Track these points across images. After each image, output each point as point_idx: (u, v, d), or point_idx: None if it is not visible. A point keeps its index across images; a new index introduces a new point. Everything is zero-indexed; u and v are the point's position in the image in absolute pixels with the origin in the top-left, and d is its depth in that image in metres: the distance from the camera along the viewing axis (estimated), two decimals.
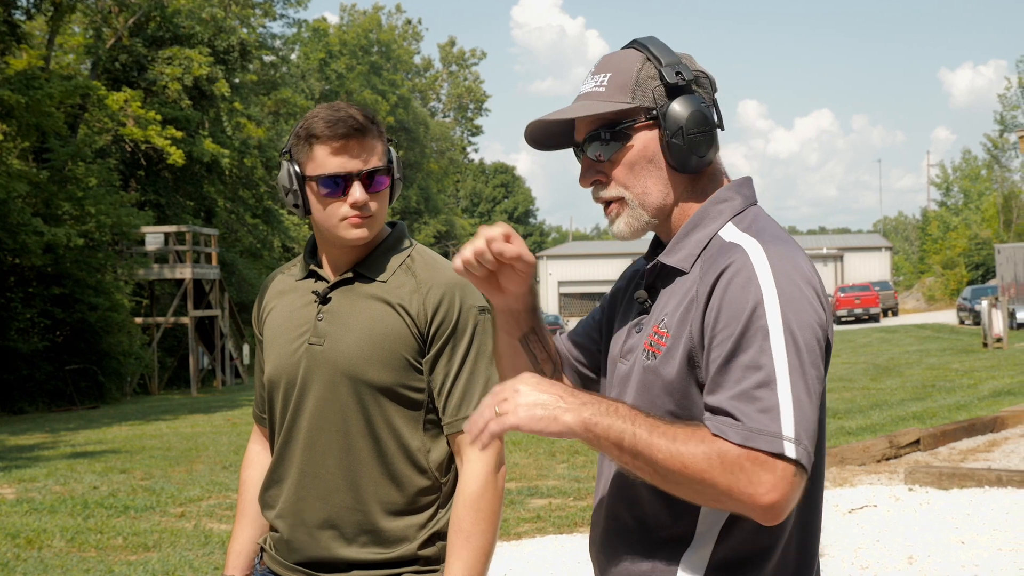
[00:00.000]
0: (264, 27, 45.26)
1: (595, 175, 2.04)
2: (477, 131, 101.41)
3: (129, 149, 34.27)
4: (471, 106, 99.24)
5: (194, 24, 36.88)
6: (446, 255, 72.25)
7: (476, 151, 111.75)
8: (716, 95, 2.08)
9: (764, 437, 1.76)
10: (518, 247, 1.96)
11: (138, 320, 32.01)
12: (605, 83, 2.02)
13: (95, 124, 32.54)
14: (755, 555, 1.92)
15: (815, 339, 1.84)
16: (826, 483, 9.68)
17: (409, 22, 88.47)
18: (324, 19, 77.16)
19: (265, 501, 2.71)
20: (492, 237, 1.95)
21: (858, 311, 55.13)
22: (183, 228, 32.39)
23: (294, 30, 54.00)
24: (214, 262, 33.99)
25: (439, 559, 2.58)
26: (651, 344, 1.96)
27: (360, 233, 2.55)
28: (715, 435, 1.77)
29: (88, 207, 27.06)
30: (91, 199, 27.16)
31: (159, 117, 32.66)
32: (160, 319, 32.82)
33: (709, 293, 1.88)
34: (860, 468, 10.75)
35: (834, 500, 9.15)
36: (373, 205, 2.54)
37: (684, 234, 2.00)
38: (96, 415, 23.27)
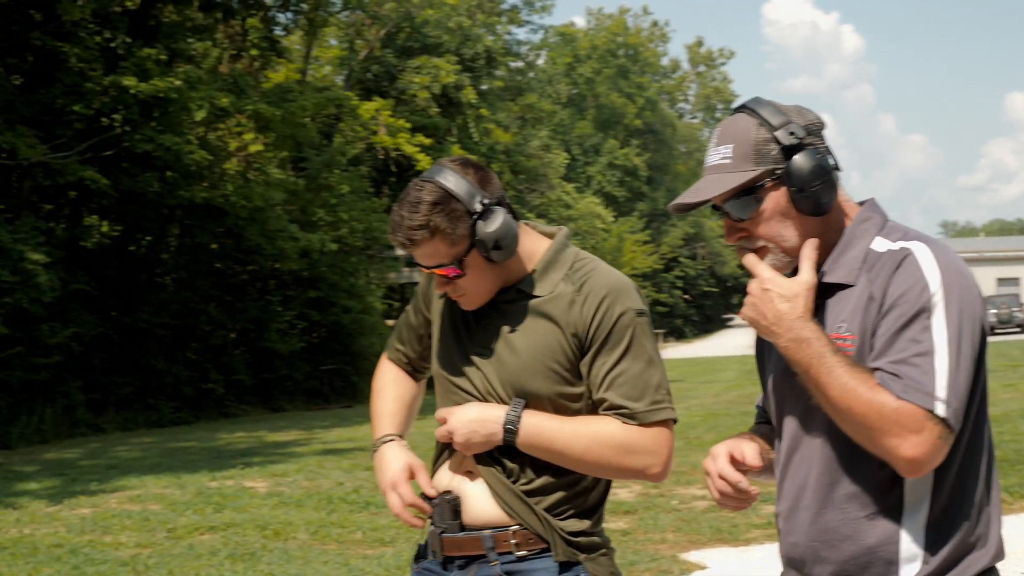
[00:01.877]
0: (510, 34, 45.89)
1: (738, 233, 2.35)
2: None
3: (380, 156, 35.30)
4: (719, 106, 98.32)
5: (442, 34, 37.71)
6: (693, 257, 71.20)
7: None
8: (824, 132, 2.34)
9: (919, 393, 2.10)
10: (736, 478, 2.40)
11: (389, 323, 32.88)
12: (729, 155, 2.30)
13: (349, 133, 33.68)
14: (963, 513, 2.24)
15: (974, 322, 2.18)
16: None
17: (656, 23, 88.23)
18: (572, 24, 77.86)
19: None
20: (719, 491, 2.44)
21: None
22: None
23: (540, 35, 54.54)
24: None
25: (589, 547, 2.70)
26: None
27: (464, 306, 2.73)
28: (879, 384, 2.12)
29: (341, 213, 28.03)
30: (344, 205, 28.12)
31: (408, 125, 33.52)
32: None
33: (884, 291, 2.20)
34: None
35: None
36: (462, 283, 2.65)
37: (839, 254, 2.31)
38: (349, 414, 24.06)
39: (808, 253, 2.26)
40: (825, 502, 2.27)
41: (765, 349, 2.50)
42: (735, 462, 2.41)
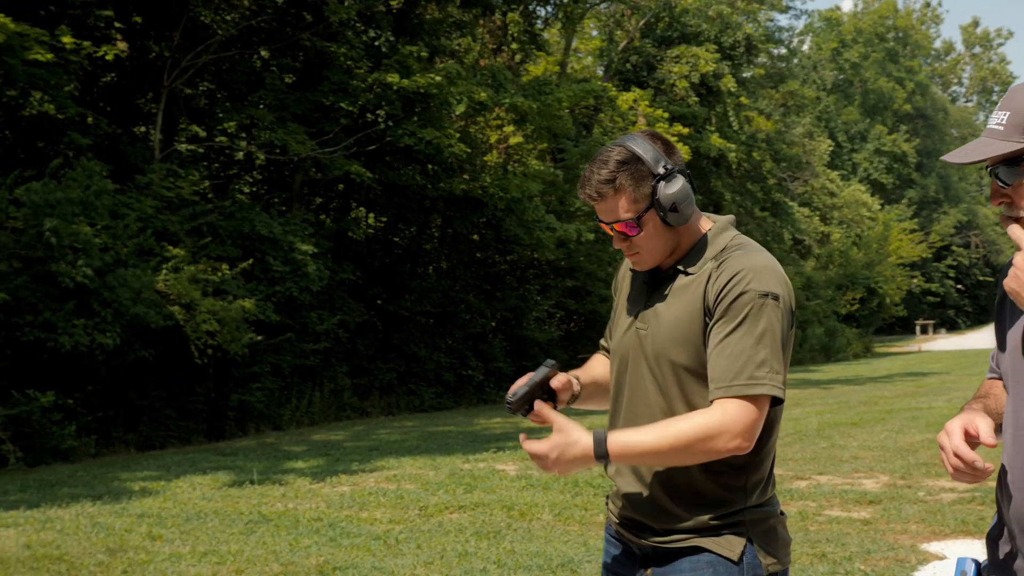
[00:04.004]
0: (771, 21, 45.19)
1: (1001, 198, 2.36)
2: None
3: None
4: (996, 89, 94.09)
5: (701, 22, 37.48)
6: (967, 246, 68.33)
7: None
8: None
9: None
10: (971, 456, 2.33)
11: None
12: (1004, 122, 2.31)
13: (607, 124, 33.88)
14: None
15: None
16: None
17: (928, 4, 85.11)
18: (837, 8, 75.97)
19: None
20: (953, 466, 2.37)
21: None
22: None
23: (802, 20, 53.50)
24: None
25: (730, 530, 2.80)
26: None
27: (636, 265, 2.91)
28: None
29: None
30: None
31: (666, 115, 33.46)
32: None
33: None
34: None
35: None
36: (637, 241, 2.83)
37: None
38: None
39: None
40: None
41: (1007, 312, 2.52)
42: (969, 437, 2.39)
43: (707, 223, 2.93)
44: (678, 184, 2.78)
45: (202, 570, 7.61)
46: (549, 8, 30.25)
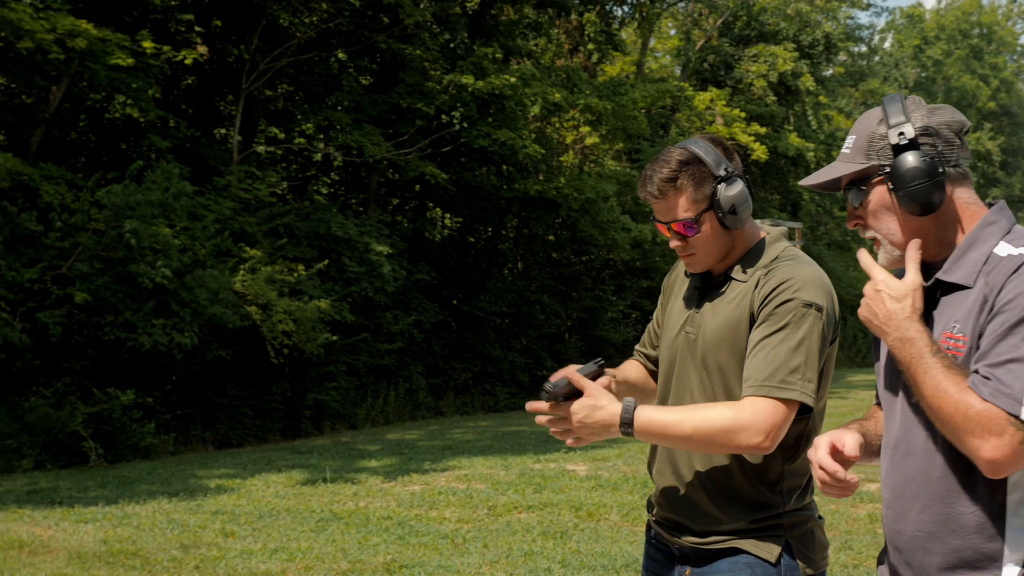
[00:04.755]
0: (851, 18, 44.71)
1: (855, 219, 2.47)
2: None
3: None
4: None
5: (779, 21, 37.17)
6: None
7: None
8: (963, 135, 2.37)
9: (1005, 398, 2.12)
10: (834, 468, 2.37)
11: None
12: (851, 146, 2.44)
13: (684, 124, 33.75)
14: None
15: None
16: None
17: (1014, 0, 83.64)
18: (919, 4, 75.01)
19: (650, 463, 3.11)
20: (820, 479, 2.41)
21: None
22: (767, 222, 32.78)
23: (883, 18, 52.84)
24: None
25: (768, 533, 2.84)
26: (946, 349, 2.29)
27: (690, 267, 2.95)
28: (970, 387, 2.16)
29: None
30: None
31: (744, 114, 33.26)
32: None
33: (996, 294, 2.23)
34: None
35: None
36: (693, 241, 2.86)
37: (960, 255, 2.34)
38: None
39: (911, 255, 2.35)
40: (931, 496, 2.31)
41: (879, 344, 2.56)
42: (836, 452, 2.43)
43: (761, 232, 2.97)
44: (738, 187, 2.83)
45: (272, 567, 7.74)
46: (626, 8, 30.22)
